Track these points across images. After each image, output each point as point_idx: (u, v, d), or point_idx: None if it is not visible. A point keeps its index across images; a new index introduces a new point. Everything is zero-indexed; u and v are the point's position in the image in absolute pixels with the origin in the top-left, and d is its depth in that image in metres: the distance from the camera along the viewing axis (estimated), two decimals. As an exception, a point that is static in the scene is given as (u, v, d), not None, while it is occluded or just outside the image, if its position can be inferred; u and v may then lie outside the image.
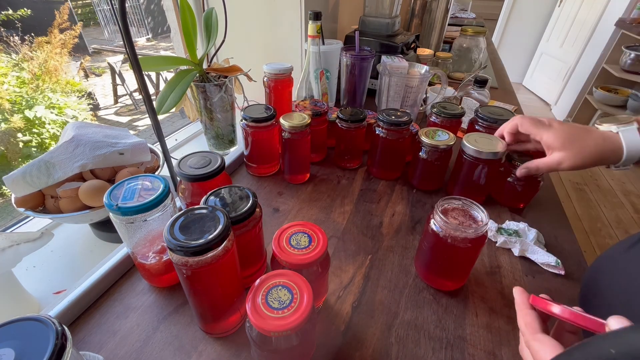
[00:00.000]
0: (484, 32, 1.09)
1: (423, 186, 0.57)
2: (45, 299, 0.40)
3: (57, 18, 1.94)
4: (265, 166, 0.60)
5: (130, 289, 0.39)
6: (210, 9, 0.58)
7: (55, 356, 0.18)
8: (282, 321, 0.24)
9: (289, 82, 0.63)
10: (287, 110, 0.65)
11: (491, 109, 0.58)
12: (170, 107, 0.51)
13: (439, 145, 0.50)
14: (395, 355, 0.33)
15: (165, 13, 0.78)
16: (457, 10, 2.02)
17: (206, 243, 0.26)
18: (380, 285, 0.40)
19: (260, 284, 0.27)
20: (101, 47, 4.10)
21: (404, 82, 0.68)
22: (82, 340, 0.33)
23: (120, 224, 0.32)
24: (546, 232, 0.48)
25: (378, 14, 0.87)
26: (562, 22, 2.96)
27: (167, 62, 0.56)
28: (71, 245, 0.48)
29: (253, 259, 0.39)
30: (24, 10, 2.32)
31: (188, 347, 0.33)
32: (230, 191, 0.36)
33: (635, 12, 2.18)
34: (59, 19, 1.94)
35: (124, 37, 0.36)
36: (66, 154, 0.42)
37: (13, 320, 0.20)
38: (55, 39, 1.90)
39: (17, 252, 0.34)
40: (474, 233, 0.34)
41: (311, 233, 0.33)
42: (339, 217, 0.51)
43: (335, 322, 0.36)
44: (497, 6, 3.41)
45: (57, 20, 1.94)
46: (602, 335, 0.16)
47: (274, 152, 0.60)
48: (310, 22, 0.62)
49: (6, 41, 1.91)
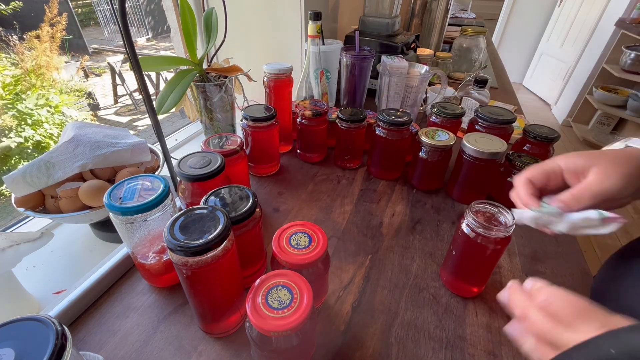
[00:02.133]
0: (484, 32, 1.09)
1: (423, 186, 0.57)
2: (45, 299, 0.40)
3: (47, 12, 1.93)
4: (265, 166, 0.60)
5: (130, 289, 0.39)
6: (210, 9, 0.58)
7: (55, 356, 0.18)
8: (282, 321, 0.24)
9: (289, 82, 0.63)
10: (288, 110, 0.65)
11: (491, 109, 0.58)
12: (170, 107, 0.51)
13: (439, 145, 0.50)
14: (395, 355, 0.33)
15: (165, 13, 0.78)
16: (457, 10, 2.02)
17: (206, 243, 0.26)
18: (380, 285, 0.40)
19: (260, 284, 0.27)
20: (101, 47, 4.10)
21: (404, 82, 0.68)
22: (82, 340, 0.33)
23: (120, 224, 0.32)
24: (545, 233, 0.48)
25: (378, 14, 0.87)
26: (562, 22, 2.96)
27: (167, 62, 0.56)
28: (71, 245, 0.48)
29: (253, 259, 0.39)
30: (16, 3, 2.28)
31: (188, 347, 0.33)
32: (230, 191, 0.36)
33: (635, 12, 2.18)
34: (49, 13, 1.93)
35: (124, 37, 0.36)
36: (66, 154, 0.42)
37: (13, 320, 0.20)
38: (44, 33, 1.89)
39: (17, 252, 0.34)
40: (504, 232, 0.33)
41: (311, 233, 0.33)
42: (339, 217, 0.51)
43: (335, 322, 0.36)
44: (497, 6, 3.41)
45: (47, 15, 1.93)
46: (602, 335, 0.16)
47: (274, 152, 0.60)
48: (310, 22, 0.63)
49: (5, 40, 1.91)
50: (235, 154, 0.45)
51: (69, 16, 2.13)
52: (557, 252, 0.45)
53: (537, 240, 0.47)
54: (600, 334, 0.16)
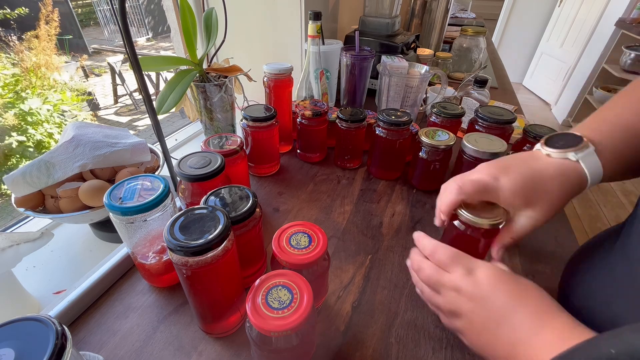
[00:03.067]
0: (483, 32, 1.09)
1: (423, 186, 0.57)
2: (45, 299, 0.40)
3: (42, 9, 1.93)
4: (265, 166, 0.60)
5: (130, 289, 0.39)
6: (210, 9, 0.58)
7: (55, 356, 0.18)
8: (282, 321, 0.24)
9: (289, 82, 0.63)
10: (287, 111, 0.65)
11: (491, 109, 0.58)
12: (170, 107, 0.51)
13: (439, 145, 0.50)
14: (395, 355, 0.33)
15: (165, 13, 0.78)
16: (457, 10, 2.02)
17: (206, 243, 0.26)
18: (380, 285, 0.40)
19: (260, 284, 0.27)
20: (101, 47, 4.10)
21: (404, 82, 0.68)
22: (82, 340, 0.33)
23: (120, 224, 0.32)
24: (546, 232, 0.48)
25: (378, 14, 0.87)
26: (562, 22, 2.96)
27: (167, 62, 0.56)
28: (71, 245, 0.48)
29: (253, 259, 0.39)
30: (22, 9, 2.31)
31: (188, 347, 0.33)
32: (230, 191, 0.36)
33: (635, 12, 2.18)
34: (44, 10, 1.93)
35: (124, 37, 0.36)
36: (66, 154, 0.42)
37: (13, 320, 0.20)
38: (42, 32, 1.89)
39: (17, 252, 0.34)
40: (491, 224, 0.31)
41: (311, 233, 0.33)
42: (339, 217, 0.51)
43: (335, 322, 0.36)
44: (497, 6, 3.41)
45: (42, 12, 1.93)
46: (603, 335, 0.16)
47: (274, 152, 0.60)
48: (310, 22, 0.63)
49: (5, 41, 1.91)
50: (235, 154, 0.45)
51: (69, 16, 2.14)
52: (558, 252, 0.45)
53: (537, 240, 0.47)
54: (601, 334, 0.17)
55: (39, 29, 1.87)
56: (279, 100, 0.64)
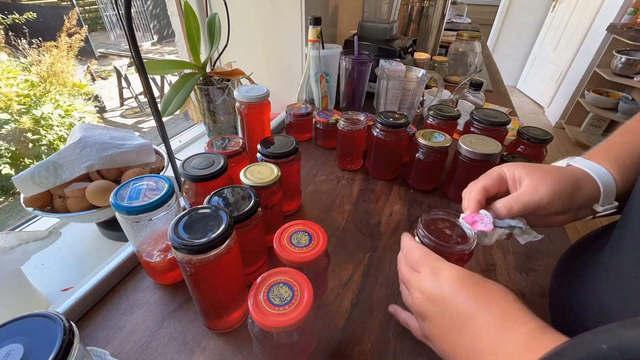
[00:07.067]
0: (479, 36, 1.10)
1: (420, 186, 0.58)
2: (53, 296, 0.41)
3: (66, 23, 1.97)
4: (286, 203, 0.58)
5: (136, 286, 0.39)
6: (214, 15, 0.60)
7: (63, 351, 0.19)
8: (283, 317, 0.25)
9: (267, 108, 0.55)
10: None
11: (486, 111, 0.60)
12: (174, 110, 0.52)
13: (436, 147, 0.51)
14: (393, 350, 0.34)
15: (170, 18, 0.80)
16: (453, 16, 2.04)
17: (209, 242, 0.27)
18: (379, 282, 0.41)
19: (262, 281, 0.27)
20: (107, 51, 4.13)
21: (401, 85, 0.69)
22: (89, 335, 0.34)
23: (126, 222, 0.33)
24: (541, 233, 0.49)
25: (376, 19, 0.88)
26: (555, 27, 3.00)
27: (171, 65, 0.57)
28: (78, 244, 0.49)
29: (255, 256, 0.39)
30: (30, 14, 2.35)
31: (192, 343, 0.34)
32: (233, 191, 0.36)
33: (626, 17, 2.20)
34: (67, 24, 1.97)
35: (129, 42, 0.37)
36: (73, 155, 0.43)
37: (22, 317, 0.20)
38: (62, 42, 1.93)
39: (26, 251, 0.35)
40: (460, 250, 0.30)
41: (311, 232, 0.33)
42: (339, 216, 0.52)
43: (335, 318, 0.37)
44: (492, 12, 3.45)
45: (66, 25, 1.97)
46: (595, 331, 0.16)
47: (296, 188, 0.55)
48: (311, 27, 0.64)
49: (14, 45, 1.93)
50: (238, 154, 0.46)
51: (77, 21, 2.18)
52: (550, 250, 0.46)
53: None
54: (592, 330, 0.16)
55: (60, 40, 1.90)
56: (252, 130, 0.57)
